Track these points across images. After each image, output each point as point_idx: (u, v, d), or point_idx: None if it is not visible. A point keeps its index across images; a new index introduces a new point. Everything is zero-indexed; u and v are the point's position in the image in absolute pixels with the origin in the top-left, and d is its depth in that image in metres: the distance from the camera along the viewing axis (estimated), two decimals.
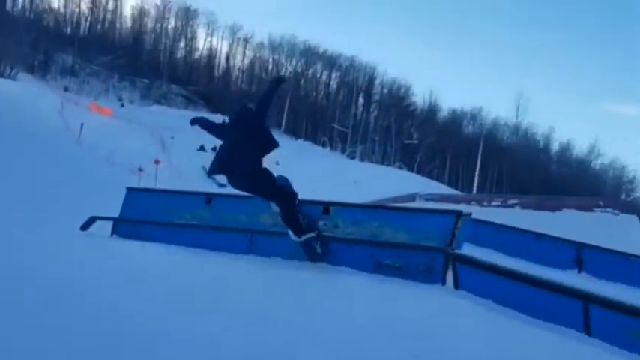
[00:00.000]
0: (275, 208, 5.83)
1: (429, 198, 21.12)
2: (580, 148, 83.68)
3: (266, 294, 4.10)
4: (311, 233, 5.73)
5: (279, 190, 5.70)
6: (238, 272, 4.94)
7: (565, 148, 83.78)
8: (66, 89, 60.00)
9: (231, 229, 6.56)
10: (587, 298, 4.70)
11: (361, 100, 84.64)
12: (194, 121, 6.09)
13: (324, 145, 70.72)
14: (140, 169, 25.65)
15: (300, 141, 66.14)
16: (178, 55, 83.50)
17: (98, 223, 7.36)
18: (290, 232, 5.69)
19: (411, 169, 60.20)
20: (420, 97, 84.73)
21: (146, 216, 7.26)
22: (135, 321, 3.24)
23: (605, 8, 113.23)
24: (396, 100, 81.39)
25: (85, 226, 7.34)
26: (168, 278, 4.39)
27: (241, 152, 5.59)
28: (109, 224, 7.34)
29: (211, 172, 5.93)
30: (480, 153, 49.91)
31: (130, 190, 7.85)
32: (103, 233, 7.12)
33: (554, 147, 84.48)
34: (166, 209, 7.21)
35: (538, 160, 79.01)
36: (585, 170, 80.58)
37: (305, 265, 5.53)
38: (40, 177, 18.23)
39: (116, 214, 7.54)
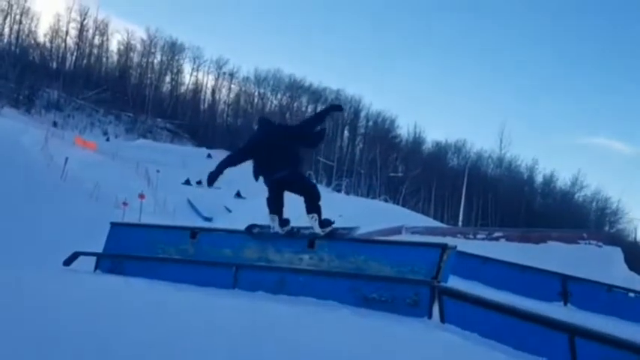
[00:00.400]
0: (278, 228, 6.28)
1: (414, 231, 21.19)
2: (563, 180, 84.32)
3: (248, 329, 4.04)
4: (330, 227, 6.16)
5: (311, 184, 6.47)
6: (221, 307, 4.88)
7: (549, 180, 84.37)
8: (55, 124, 60.10)
9: (216, 263, 6.51)
10: (573, 331, 4.70)
11: (346, 133, 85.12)
12: (218, 173, 6.25)
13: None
14: (124, 203, 25.51)
15: None
16: (164, 90, 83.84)
17: (81, 258, 7.26)
18: (314, 227, 6.14)
19: (396, 202, 60.20)
20: (404, 129, 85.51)
21: (130, 251, 7.19)
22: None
23: (586, 47, 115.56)
24: (381, 133, 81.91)
25: (67, 262, 7.24)
26: (148, 314, 4.32)
27: (290, 154, 6.24)
28: (93, 259, 7.25)
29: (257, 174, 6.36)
30: (464, 185, 50.01)
31: (113, 224, 7.79)
32: (86, 268, 7.02)
33: (538, 179, 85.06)
34: (151, 244, 7.14)
35: (522, 192, 79.54)
36: (569, 202, 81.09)
37: (290, 300, 5.49)
38: (23, 212, 18.02)
39: (100, 249, 7.46)
